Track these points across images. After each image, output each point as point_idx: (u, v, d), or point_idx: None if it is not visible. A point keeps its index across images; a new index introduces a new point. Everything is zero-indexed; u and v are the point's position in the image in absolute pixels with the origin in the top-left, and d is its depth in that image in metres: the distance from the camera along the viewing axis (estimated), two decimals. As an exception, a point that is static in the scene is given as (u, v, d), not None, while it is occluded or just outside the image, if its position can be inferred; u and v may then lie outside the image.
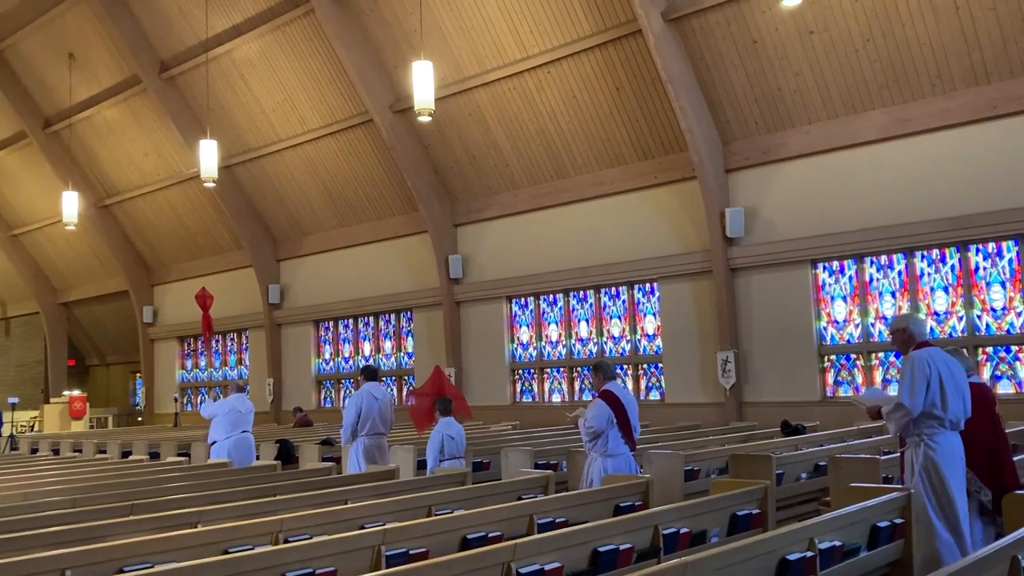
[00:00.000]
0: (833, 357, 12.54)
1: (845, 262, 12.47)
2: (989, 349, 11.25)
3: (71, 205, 18.70)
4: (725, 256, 13.08)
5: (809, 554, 4.38)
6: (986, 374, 11.13)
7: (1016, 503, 5.04)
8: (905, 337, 5.86)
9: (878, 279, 12.23)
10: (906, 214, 11.65)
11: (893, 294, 12.08)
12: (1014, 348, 11.08)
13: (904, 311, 5.84)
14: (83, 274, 25.72)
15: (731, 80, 12.74)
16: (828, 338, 12.56)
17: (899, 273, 12.03)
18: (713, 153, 13.11)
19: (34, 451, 15.53)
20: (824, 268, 12.66)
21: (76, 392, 23.60)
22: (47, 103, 22.15)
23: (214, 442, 10.98)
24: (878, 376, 12.15)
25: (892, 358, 12.00)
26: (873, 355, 12.19)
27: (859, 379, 12.24)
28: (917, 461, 5.67)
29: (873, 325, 12.20)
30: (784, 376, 12.71)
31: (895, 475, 7.28)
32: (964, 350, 6.68)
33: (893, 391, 7.60)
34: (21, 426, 22.61)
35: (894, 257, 12.06)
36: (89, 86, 20.85)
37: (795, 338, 12.64)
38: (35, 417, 23.77)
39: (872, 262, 12.28)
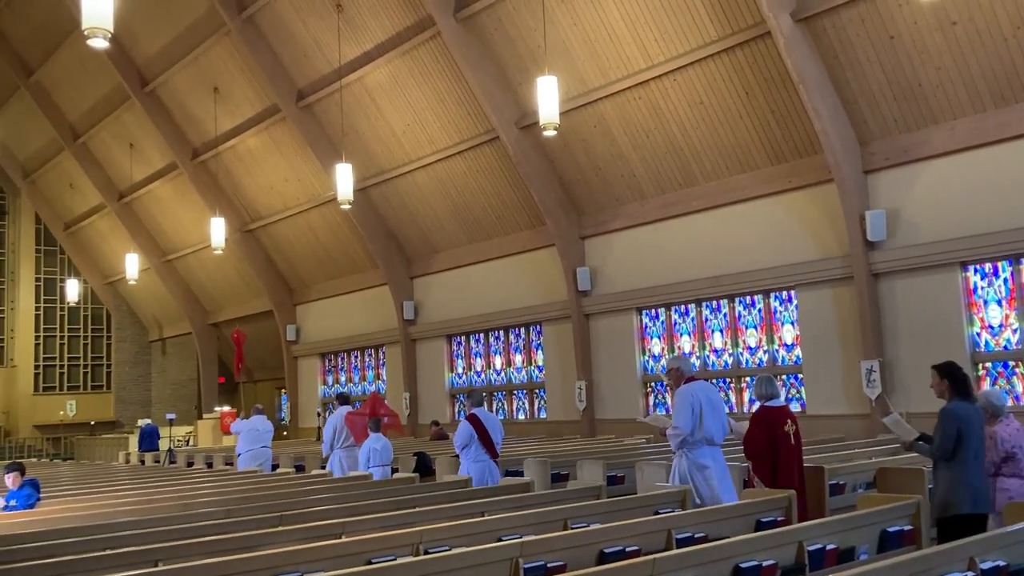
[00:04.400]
0: (988, 365, 11.79)
1: (999, 263, 11.72)
2: None
3: (218, 231, 19.77)
4: (867, 261, 12.54)
5: (970, 574, 4.13)
6: None
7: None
8: (678, 375, 7.64)
9: (1037, 281, 11.44)
10: (1067, 210, 10.86)
11: (1055, 296, 11.27)
12: None
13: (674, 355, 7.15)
14: (230, 295, 27.11)
15: (867, 78, 12.24)
16: (982, 344, 11.83)
17: (1061, 274, 11.22)
18: (850, 154, 12.62)
19: (190, 464, 16.42)
20: (975, 270, 11.95)
21: (226, 408, 24.81)
22: (195, 135, 23.52)
23: (239, 454, 13.47)
24: (1040, 384, 11.34)
25: (1056, 365, 11.19)
26: (1034, 362, 11.40)
27: (1019, 387, 11.46)
28: (680, 469, 7.52)
29: (1033, 330, 11.41)
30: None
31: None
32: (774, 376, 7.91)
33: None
34: (178, 441, 23.94)
35: (1055, 257, 11.26)
36: (232, 117, 22.02)
37: (945, 345, 11.95)
38: (190, 432, 25.13)
39: (1030, 263, 11.50)
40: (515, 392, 18.76)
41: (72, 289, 30.27)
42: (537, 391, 18.23)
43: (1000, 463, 6.28)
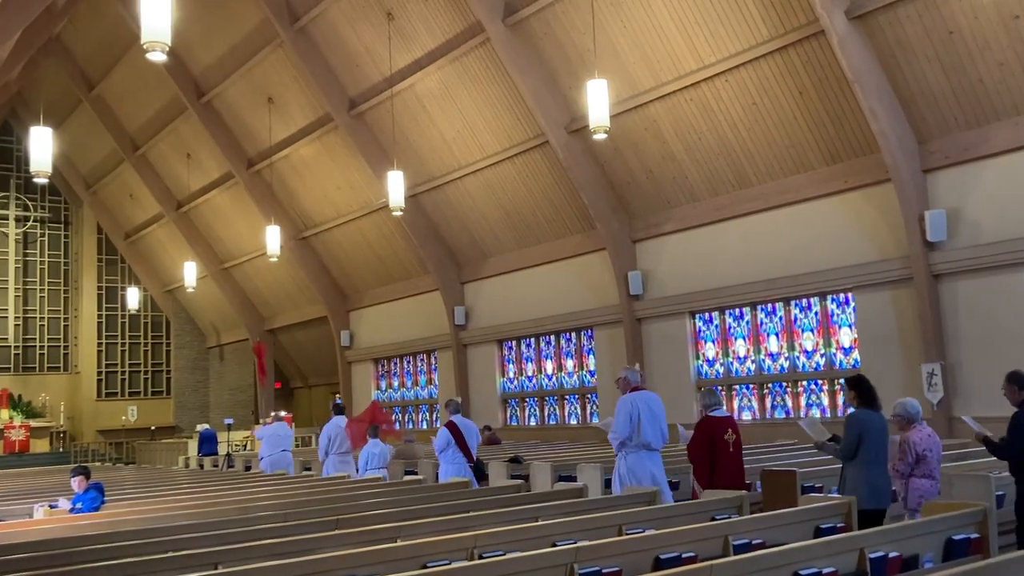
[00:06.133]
0: (1056, 368, 11.42)
1: (1067, 263, 11.37)
2: None
3: (274, 239, 20.07)
4: (926, 262, 12.26)
5: (1041, 584, 4.00)
6: None
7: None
8: (624, 384, 8.70)
9: (1107, 281, 11.06)
10: None
11: None
12: None
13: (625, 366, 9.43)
14: (286, 302, 27.51)
15: (925, 76, 11.98)
16: (1050, 347, 11.47)
17: None
18: (908, 153, 12.35)
19: (247, 468, 16.69)
20: (1042, 271, 11.60)
21: (283, 413, 25.13)
22: (250, 145, 23.93)
23: (263, 457, 14.87)
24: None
25: None
26: (1105, 365, 11.01)
27: (1089, 391, 11.06)
28: (619, 469, 8.52)
29: (1103, 332, 11.03)
30: (999, 389, 11.67)
31: None
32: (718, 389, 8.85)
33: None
34: (235, 445, 24.35)
35: (1126, 255, 10.87)
36: (286, 127, 22.36)
37: (1011, 347, 11.61)
38: (248, 437, 25.53)
39: (1099, 262, 11.12)
40: (567, 397, 18.71)
41: (132, 297, 31.00)
42: (589, 396, 18.15)
43: (913, 465, 6.95)
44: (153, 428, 31.08)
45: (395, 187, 16.02)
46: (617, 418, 8.48)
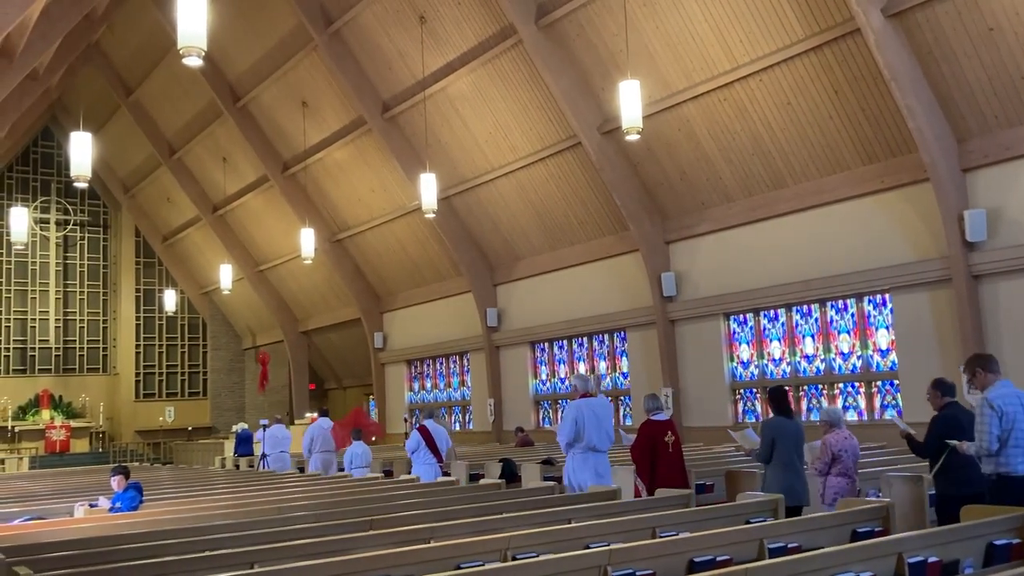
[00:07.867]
0: (1101, 370, 11.19)
1: (1111, 263, 11.13)
2: None
3: (308, 241, 20.25)
4: (966, 262, 12.06)
5: (1086, 591, 3.92)
6: None
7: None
8: (574, 391, 9.29)
9: None
10: None
11: None
12: None
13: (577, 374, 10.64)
14: (320, 304, 27.73)
15: (964, 73, 11.78)
16: (1094, 349, 11.24)
17: None
18: (947, 152, 12.16)
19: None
20: (1086, 271, 11.36)
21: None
22: (285, 148, 24.15)
23: (264, 456, 15.92)
24: None
25: None
26: None
27: None
28: (567, 468, 9.14)
29: None
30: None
31: None
32: (657, 395, 9.64)
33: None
34: (271, 446, 24.54)
35: None
36: (320, 130, 22.54)
37: (1053, 350, 11.41)
38: (282, 438, 25.68)
39: None
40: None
41: (170, 299, 31.39)
42: (622, 398, 18.08)
43: (830, 464, 7.72)
44: (190, 429, 31.46)
45: (428, 189, 16.09)
46: (563, 422, 9.18)
